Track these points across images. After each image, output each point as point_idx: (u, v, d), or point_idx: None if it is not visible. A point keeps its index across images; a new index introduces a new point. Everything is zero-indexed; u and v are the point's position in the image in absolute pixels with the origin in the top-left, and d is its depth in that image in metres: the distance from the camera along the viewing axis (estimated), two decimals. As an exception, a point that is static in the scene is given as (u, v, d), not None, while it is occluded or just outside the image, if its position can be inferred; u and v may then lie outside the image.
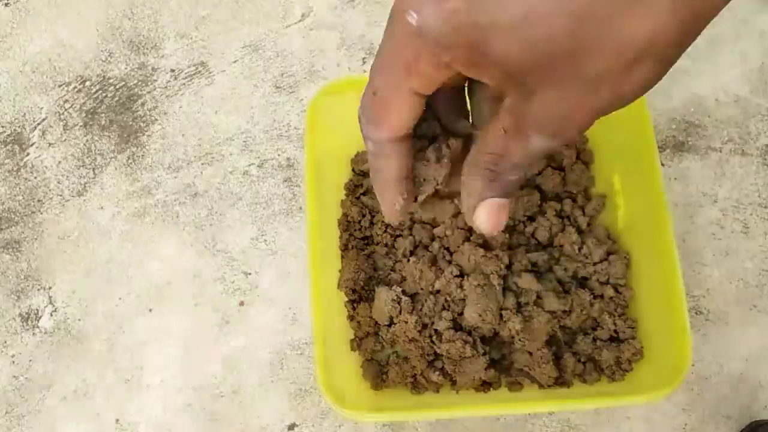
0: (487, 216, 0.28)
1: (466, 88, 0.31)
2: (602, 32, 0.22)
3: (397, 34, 0.25)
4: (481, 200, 0.28)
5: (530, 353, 0.46)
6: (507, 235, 0.48)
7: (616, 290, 0.48)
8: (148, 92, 0.61)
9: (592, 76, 0.23)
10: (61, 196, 0.58)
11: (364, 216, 0.51)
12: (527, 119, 0.25)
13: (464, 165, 0.29)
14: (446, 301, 0.46)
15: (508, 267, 0.47)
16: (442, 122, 0.31)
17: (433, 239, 0.49)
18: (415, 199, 0.31)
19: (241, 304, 0.54)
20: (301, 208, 0.56)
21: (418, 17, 0.23)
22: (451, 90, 0.30)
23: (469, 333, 0.46)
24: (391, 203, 0.31)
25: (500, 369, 0.47)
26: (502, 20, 0.22)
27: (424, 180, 0.31)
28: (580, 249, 0.48)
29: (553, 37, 0.22)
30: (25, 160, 0.60)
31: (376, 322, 0.48)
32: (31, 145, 0.60)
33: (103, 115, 0.61)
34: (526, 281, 0.46)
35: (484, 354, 0.45)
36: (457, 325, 0.46)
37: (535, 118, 0.24)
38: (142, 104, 0.61)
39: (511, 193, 0.28)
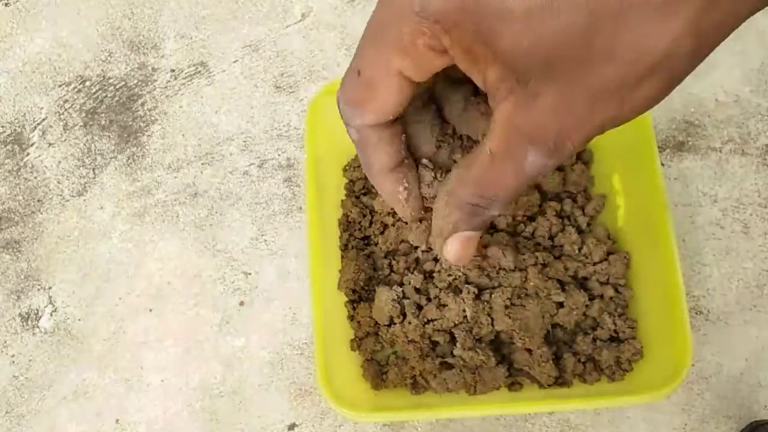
0: (457, 249, 0.26)
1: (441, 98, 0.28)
2: (620, 36, 0.20)
3: (394, 6, 0.22)
4: (454, 232, 0.26)
5: (530, 352, 0.46)
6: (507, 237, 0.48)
7: (616, 290, 0.48)
8: (148, 92, 0.61)
9: (601, 83, 0.21)
10: (61, 196, 0.58)
11: (364, 216, 0.51)
12: (523, 130, 0.22)
13: (440, 189, 0.26)
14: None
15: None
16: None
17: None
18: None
19: (241, 304, 0.54)
20: (301, 208, 0.56)
21: None
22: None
23: (479, 340, 0.46)
24: (392, 195, 0.27)
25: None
26: (515, 6, 0.20)
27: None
28: (580, 249, 0.48)
29: (568, 34, 0.20)
30: (25, 160, 0.60)
31: (376, 322, 0.48)
32: (31, 145, 0.60)
33: (103, 115, 0.61)
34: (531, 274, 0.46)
35: (501, 362, 0.45)
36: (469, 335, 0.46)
37: (533, 127, 0.22)
38: (142, 104, 0.61)
39: (487, 226, 0.26)
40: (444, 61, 0.22)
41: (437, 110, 0.28)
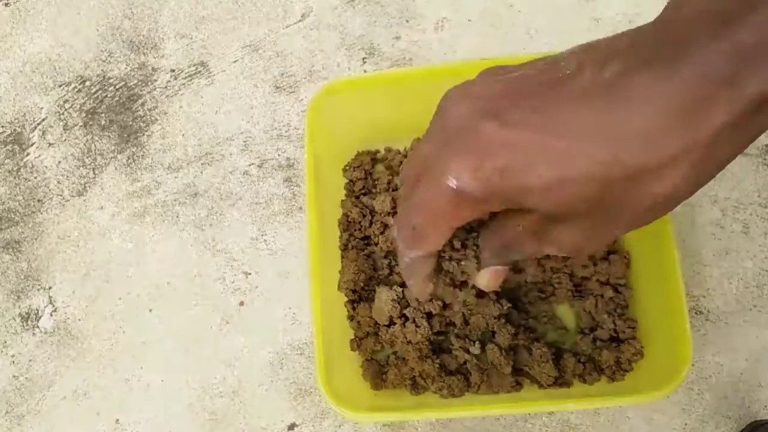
0: (488, 279, 0.35)
1: None
2: (627, 193, 0.24)
3: (439, 192, 0.27)
4: (485, 267, 0.34)
5: (530, 352, 0.46)
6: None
7: (616, 290, 0.48)
8: (148, 92, 0.61)
9: (613, 218, 0.25)
10: (61, 196, 0.58)
11: (364, 216, 0.51)
12: (545, 236, 0.28)
13: (481, 233, 0.35)
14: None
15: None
16: None
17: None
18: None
19: (241, 304, 0.54)
20: (301, 208, 0.56)
21: (457, 182, 0.26)
22: None
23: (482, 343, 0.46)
24: (421, 291, 0.37)
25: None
26: (533, 184, 0.24)
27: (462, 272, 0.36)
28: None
29: (582, 198, 0.24)
30: (25, 160, 0.60)
31: (376, 322, 0.48)
32: (31, 145, 0.60)
33: (103, 115, 0.61)
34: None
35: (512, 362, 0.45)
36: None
37: (553, 240, 0.27)
38: (142, 104, 0.61)
39: (510, 263, 0.34)
40: (483, 211, 0.29)
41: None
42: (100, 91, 0.61)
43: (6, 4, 0.65)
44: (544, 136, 0.24)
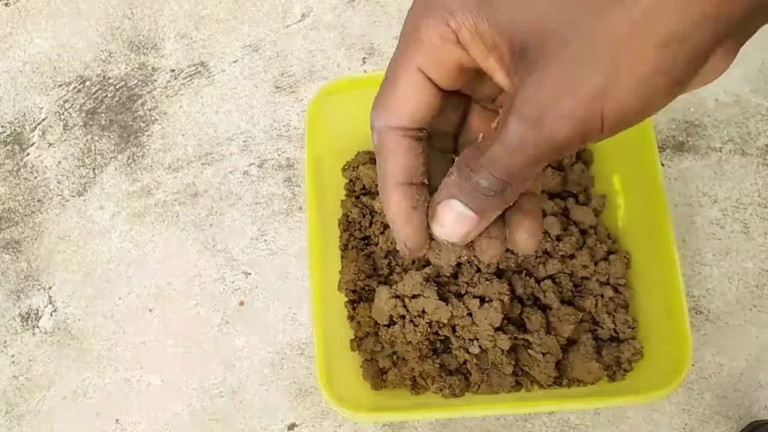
0: (447, 220, 0.24)
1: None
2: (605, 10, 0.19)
3: (411, 15, 0.23)
4: (448, 197, 0.24)
5: (530, 352, 0.46)
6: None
7: (616, 290, 0.48)
8: (148, 92, 0.61)
9: (586, 48, 0.20)
10: (61, 196, 0.58)
11: (364, 216, 0.51)
12: (516, 102, 0.21)
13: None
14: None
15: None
16: None
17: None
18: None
19: (241, 304, 0.54)
20: (301, 208, 0.56)
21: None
22: None
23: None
24: (397, 212, 0.25)
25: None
26: None
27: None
28: (580, 248, 0.48)
29: (563, 6, 0.20)
30: (25, 160, 0.60)
31: (376, 322, 0.48)
32: (31, 145, 0.60)
33: (103, 115, 0.61)
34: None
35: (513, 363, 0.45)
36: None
37: (524, 99, 0.21)
38: (142, 104, 0.61)
39: (483, 209, 0.24)
40: (456, 53, 0.23)
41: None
42: (100, 91, 0.61)
43: (6, 4, 0.65)
44: None
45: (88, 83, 0.62)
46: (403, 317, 0.46)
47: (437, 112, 0.25)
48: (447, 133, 0.27)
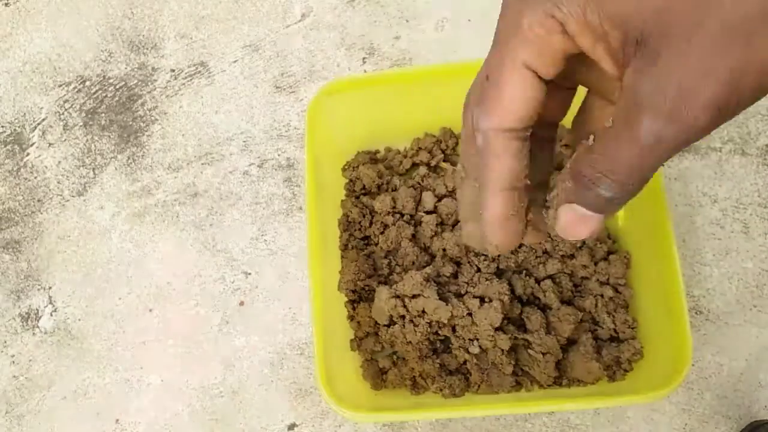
0: (566, 221, 0.24)
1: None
2: None
3: (508, 12, 0.22)
4: (565, 202, 0.24)
5: (530, 352, 0.46)
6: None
7: (616, 290, 0.48)
8: (148, 92, 0.61)
9: (717, 27, 0.19)
10: (61, 196, 0.58)
11: (364, 216, 0.51)
12: (641, 95, 0.20)
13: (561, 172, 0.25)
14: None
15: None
16: None
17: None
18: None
19: (241, 304, 0.54)
20: (301, 208, 0.56)
21: None
22: None
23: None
24: (496, 218, 0.24)
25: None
26: None
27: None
28: (580, 248, 0.48)
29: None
30: (25, 160, 0.60)
31: (376, 322, 0.48)
32: (31, 145, 0.60)
33: (103, 115, 0.61)
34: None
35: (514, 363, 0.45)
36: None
37: (651, 91, 0.20)
38: (142, 104, 0.61)
39: (607, 210, 0.24)
40: (564, 43, 0.22)
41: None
42: (100, 91, 0.61)
43: (6, 4, 0.65)
44: None
45: (88, 83, 0.62)
46: (403, 317, 0.46)
47: (543, 107, 0.24)
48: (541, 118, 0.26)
